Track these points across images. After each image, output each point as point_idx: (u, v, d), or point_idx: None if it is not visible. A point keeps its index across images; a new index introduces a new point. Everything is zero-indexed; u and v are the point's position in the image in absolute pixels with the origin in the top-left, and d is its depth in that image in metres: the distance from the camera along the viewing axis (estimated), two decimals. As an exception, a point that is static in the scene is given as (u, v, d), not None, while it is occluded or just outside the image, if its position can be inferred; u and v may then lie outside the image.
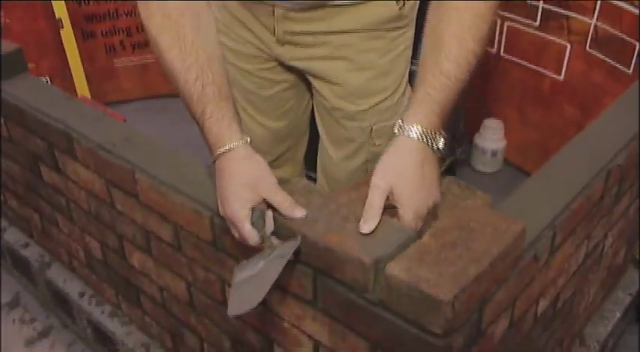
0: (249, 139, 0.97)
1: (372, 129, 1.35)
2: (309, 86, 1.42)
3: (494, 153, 2.58)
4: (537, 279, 1.03)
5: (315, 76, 1.34)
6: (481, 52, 0.94)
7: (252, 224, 0.93)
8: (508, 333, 1.01)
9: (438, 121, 0.93)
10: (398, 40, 1.28)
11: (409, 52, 1.34)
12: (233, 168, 0.95)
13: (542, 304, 1.12)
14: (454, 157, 2.62)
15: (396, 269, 0.81)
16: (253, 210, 0.93)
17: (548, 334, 1.24)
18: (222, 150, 0.96)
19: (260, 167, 0.96)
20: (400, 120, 0.94)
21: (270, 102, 1.45)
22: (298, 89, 1.45)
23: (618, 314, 1.57)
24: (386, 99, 1.33)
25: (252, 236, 0.93)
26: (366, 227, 0.89)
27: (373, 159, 1.38)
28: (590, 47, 2.13)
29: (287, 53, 1.30)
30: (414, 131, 0.92)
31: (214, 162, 0.98)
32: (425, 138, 0.92)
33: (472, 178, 2.60)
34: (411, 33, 1.31)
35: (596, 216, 1.21)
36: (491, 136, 2.57)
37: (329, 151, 1.45)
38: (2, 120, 1.59)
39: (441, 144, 0.94)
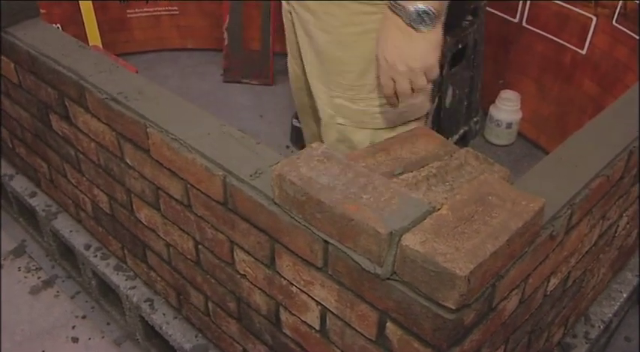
0: None
1: (333, 102, 1.39)
2: None
3: (509, 125, 2.55)
4: (551, 258, 1.02)
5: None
6: None
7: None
8: (518, 310, 1.00)
9: None
10: (363, 16, 1.27)
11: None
12: None
13: (553, 282, 1.11)
14: (467, 128, 2.59)
15: (411, 241, 0.80)
16: None
17: (555, 311, 1.24)
18: None
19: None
20: None
21: (295, 47, 1.51)
22: None
23: (625, 295, 1.56)
24: (345, 72, 1.34)
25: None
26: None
27: (343, 140, 1.42)
28: (617, 21, 2.07)
29: None
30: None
31: None
32: (392, 6, 1.11)
33: (485, 150, 2.57)
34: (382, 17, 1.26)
35: (613, 197, 1.19)
36: (508, 108, 2.52)
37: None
38: (12, 66, 1.56)
39: (411, 9, 1.08)
